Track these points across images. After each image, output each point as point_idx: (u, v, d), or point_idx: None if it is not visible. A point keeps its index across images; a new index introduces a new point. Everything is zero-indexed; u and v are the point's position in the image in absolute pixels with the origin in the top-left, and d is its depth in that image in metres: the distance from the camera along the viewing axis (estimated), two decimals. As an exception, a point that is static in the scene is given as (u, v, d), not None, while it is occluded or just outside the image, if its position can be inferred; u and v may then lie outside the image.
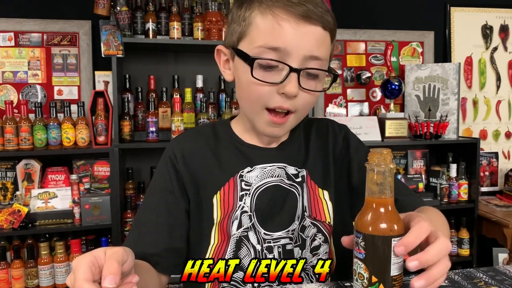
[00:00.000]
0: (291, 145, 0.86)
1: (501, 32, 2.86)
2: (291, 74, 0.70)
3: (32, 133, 2.03)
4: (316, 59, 0.71)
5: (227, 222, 0.78)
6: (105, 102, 2.11)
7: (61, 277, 2.05)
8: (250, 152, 0.83)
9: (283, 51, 0.69)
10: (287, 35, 0.68)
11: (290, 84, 0.70)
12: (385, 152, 0.57)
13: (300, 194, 0.81)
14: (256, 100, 0.74)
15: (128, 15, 2.05)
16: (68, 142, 2.07)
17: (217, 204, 0.80)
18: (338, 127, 0.91)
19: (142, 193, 2.28)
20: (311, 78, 0.73)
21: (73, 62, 2.33)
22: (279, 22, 0.69)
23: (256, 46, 0.70)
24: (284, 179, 0.82)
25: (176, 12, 2.16)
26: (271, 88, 0.71)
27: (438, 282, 0.55)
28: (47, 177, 2.20)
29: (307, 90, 0.73)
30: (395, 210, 0.57)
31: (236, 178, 0.81)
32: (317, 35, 0.70)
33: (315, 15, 0.69)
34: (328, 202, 0.83)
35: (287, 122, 0.76)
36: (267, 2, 0.70)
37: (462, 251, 2.51)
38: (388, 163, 0.56)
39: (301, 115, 0.78)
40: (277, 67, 0.70)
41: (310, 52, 0.70)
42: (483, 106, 2.85)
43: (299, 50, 0.69)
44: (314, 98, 0.76)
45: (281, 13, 0.69)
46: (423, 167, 2.69)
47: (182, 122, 2.17)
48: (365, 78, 2.71)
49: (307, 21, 0.69)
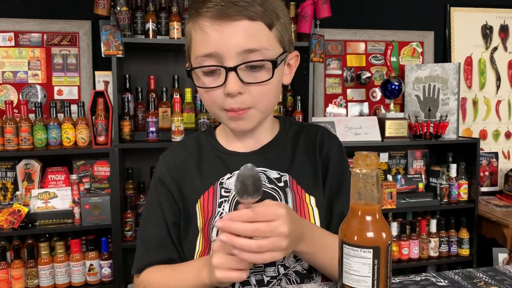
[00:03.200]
0: (274, 149, 0.86)
1: (501, 32, 2.86)
2: (229, 74, 0.72)
3: (32, 133, 2.03)
4: (253, 51, 0.72)
5: (207, 228, 0.80)
6: (105, 102, 2.11)
7: (61, 277, 2.05)
8: (230, 159, 0.85)
9: (217, 55, 0.72)
10: (213, 39, 0.72)
11: (228, 84, 0.72)
12: (373, 156, 0.55)
13: (282, 198, 0.81)
14: (211, 105, 0.78)
15: (128, 15, 2.05)
16: (68, 142, 2.07)
17: (199, 212, 0.83)
18: (328, 136, 0.90)
19: (142, 193, 2.28)
20: (256, 70, 0.74)
21: (73, 62, 2.33)
22: (204, 30, 0.72)
23: (195, 57, 0.75)
24: (265, 183, 0.82)
25: (176, 12, 2.16)
26: (219, 91, 0.74)
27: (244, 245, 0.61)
28: (47, 177, 2.20)
29: (255, 83, 0.73)
30: (382, 218, 0.55)
31: (216, 185, 0.83)
32: (243, 28, 0.71)
33: (234, 11, 0.70)
34: (315, 208, 0.83)
35: (247, 114, 0.77)
36: (194, 15, 0.74)
37: (462, 251, 2.51)
38: (374, 167, 0.54)
39: (263, 107, 0.78)
40: (218, 71, 0.73)
41: (241, 47, 0.71)
42: (483, 106, 2.85)
43: (229, 49, 0.71)
44: (269, 87, 0.76)
45: (203, 21, 0.72)
46: (423, 167, 2.69)
47: (182, 122, 2.17)
48: (365, 78, 2.71)
49: (227, 19, 0.71)
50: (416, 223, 2.55)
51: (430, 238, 2.49)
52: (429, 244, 2.49)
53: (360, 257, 0.53)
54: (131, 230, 2.16)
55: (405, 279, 0.71)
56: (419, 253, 2.47)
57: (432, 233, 2.50)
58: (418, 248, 2.47)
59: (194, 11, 0.75)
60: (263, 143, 0.86)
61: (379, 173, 0.55)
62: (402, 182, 2.57)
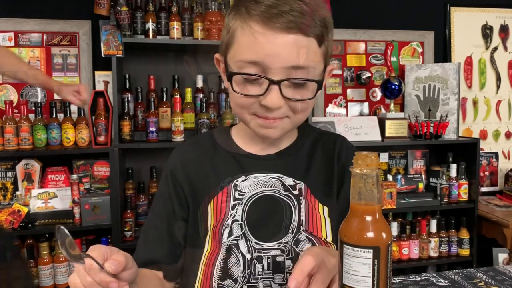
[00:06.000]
0: (291, 155, 0.85)
1: (501, 32, 2.86)
2: (271, 87, 0.70)
3: (32, 133, 2.03)
4: (299, 68, 0.70)
5: (218, 229, 0.79)
6: (105, 102, 2.11)
7: (61, 277, 2.05)
8: (246, 160, 0.84)
9: (262, 65, 0.69)
10: (263, 49, 0.68)
11: (269, 97, 0.70)
12: (373, 156, 0.54)
13: (295, 207, 0.80)
14: (242, 108, 0.76)
15: (128, 15, 2.05)
16: (68, 142, 2.07)
17: (211, 212, 0.81)
18: (346, 147, 0.88)
19: (142, 193, 2.28)
20: (298, 87, 0.72)
21: (73, 62, 2.33)
22: (255, 36, 0.68)
23: (237, 60, 0.72)
24: (280, 189, 0.81)
25: (176, 12, 2.16)
26: (255, 99, 0.72)
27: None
28: (47, 177, 2.20)
29: (294, 100, 0.72)
30: (382, 218, 0.55)
31: (230, 187, 0.81)
32: (297, 44, 0.68)
33: (294, 25, 0.67)
34: (327, 218, 0.82)
35: (280, 123, 0.75)
36: (247, 14, 0.70)
37: (462, 251, 2.51)
38: (374, 167, 0.54)
39: (297, 119, 0.77)
40: (259, 79, 0.71)
41: (291, 62, 0.69)
42: (483, 106, 2.85)
43: (278, 62, 0.68)
44: (305, 105, 0.74)
45: (257, 26, 0.68)
46: (423, 167, 2.69)
47: (182, 122, 2.16)
48: (365, 78, 2.71)
49: (285, 31, 0.67)
50: (416, 223, 2.55)
51: (430, 238, 2.48)
52: (429, 244, 2.48)
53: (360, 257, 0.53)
54: (131, 230, 2.15)
55: (405, 279, 0.71)
56: (419, 253, 2.47)
57: (432, 233, 2.50)
58: (418, 248, 2.47)
59: (244, 8, 0.70)
60: (280, 148, 0.85)
61: (379, 173, 0.54)
62: (402, 182, 2.57)
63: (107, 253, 0.60)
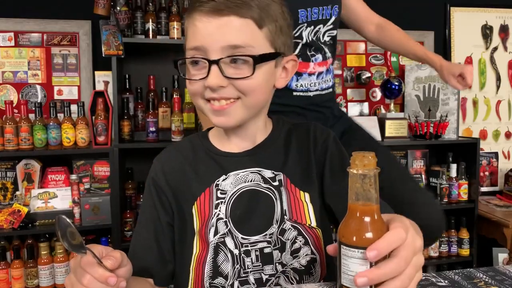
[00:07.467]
0: (267, 148, 0.86)
1: (501, 32, 2.86)
2: (212, 67, 0.73)
3: (32, 133, 2.03)
4: (238, 47, 0.73)
5: (204, 230, 0.80)
6: (105, 102, 2.11)
7: (61, 277, 2.06)
8: (224, 160, 0.85)
9: (202, 48, 0.74)
10: (201, 33, 0.74)
11: (209, 77, 0.73)
12: (370, 156, 0.54)
13: (277, 197, 0.82)
14: (194, 96, 0.79)
15: (128, 15, 2.05)
16: (68, 142, 2.07)
17: (195, 214, 0.82)
18: (320, 131, 0.90)
19: (142, 193, 2.28)
20: (239, 65, 0.74)
21: (73, 62, 2.33)
22: (194, 23, 0.75)
23: (186, 50, 0.78)
24: (260, 183, 0.83)
25: (176, 12, 2.16)
26: (202, 83, 0.76)
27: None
28: (47, 177, 2.20)
29: (236, 78, 0.74)
30: (380, 218, 0.54)
31: (212, 187, 0.83)
32: (230, 24, 0.73)
33: (226, 7, 0.72)
34: (309, 204, 0.83)
35: (231, 109, 0.77)
36: (191, 9, 0.77)
37: (462, 251, 2.51)
38: (372, 167, 0.53)
39: (249, 102, 0.77)
40: (202, 63, 0.75)
41: (227, 42, 0.72)
42: (483, 106, 2.85)
43: (214, 43, 0.73)
44: (254, 83, 0.75)
45: (195, 15, 0.75)
46: (423, 167, 2.69)
47: (182, 122, 2.17)
48: (365, 78, 2.71)
49: (218, 14, 0.72)
50: (416, 223, 2.55)
51: (430, 238, 2.49)
52: (429, 244, 2.49)
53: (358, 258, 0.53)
54: (131, 230, 2.16)
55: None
56: (419, 253, 2.47)
57: (432, 233, 2.50)
58: (418, 248, 2.46)
59: (191, 7, 0.78)
60: (256, 143, 0.87)
61: (377, 173, 0.54)
62: (402, 182, 2.56)
63: (102, 251, 0.62)
